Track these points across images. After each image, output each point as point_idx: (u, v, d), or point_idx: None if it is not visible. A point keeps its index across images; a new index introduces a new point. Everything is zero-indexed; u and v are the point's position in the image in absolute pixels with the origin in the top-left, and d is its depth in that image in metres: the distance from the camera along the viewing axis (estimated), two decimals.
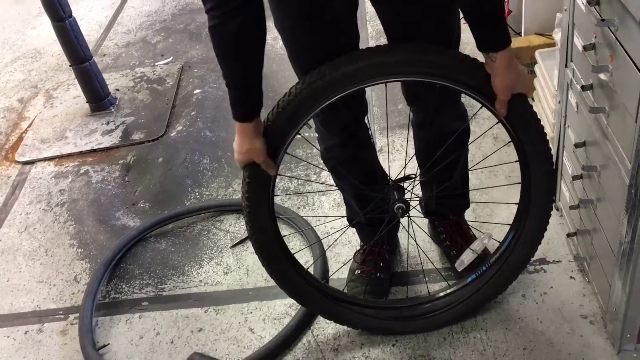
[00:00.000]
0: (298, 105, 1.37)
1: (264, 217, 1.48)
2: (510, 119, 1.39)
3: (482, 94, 1.37)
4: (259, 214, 1.47)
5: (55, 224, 2.35)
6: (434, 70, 1.35)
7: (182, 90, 3.05)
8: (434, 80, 1.37)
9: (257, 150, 1.39)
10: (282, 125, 1.39)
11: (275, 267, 1.56)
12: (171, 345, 1.80)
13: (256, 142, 1.38)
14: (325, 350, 1.69)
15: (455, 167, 1.70)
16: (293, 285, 1.60)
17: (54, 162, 2.70)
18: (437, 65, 1.35)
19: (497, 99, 1.35)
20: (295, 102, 1.36)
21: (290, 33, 1.40)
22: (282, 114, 1.38)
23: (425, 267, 1.83)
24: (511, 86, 1.33)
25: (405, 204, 1.53)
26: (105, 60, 3.45)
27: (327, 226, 2.04)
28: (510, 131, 1.42)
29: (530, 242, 1.58)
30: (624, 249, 1.35)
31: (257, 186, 1.45)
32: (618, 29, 1.22)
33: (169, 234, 2.20)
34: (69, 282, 2.09)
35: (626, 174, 1.28)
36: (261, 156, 1.40)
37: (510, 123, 1.40)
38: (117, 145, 2.73)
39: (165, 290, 1.98)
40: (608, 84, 1.32)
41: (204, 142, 2.60)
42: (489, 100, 1.37)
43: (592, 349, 1.56)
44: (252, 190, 1.45)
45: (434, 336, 1.67)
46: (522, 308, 1.69)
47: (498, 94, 1.34)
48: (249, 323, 1.82)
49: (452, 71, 1.35)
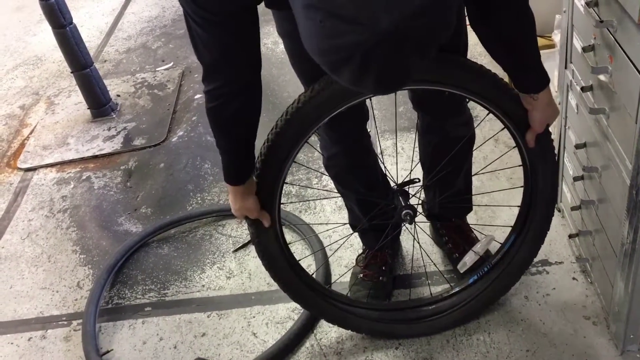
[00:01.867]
0: (304, 115, 1.34)
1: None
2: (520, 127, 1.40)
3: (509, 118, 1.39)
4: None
5: (57, 231, 2.35)
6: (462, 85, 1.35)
7: (183, 96, 3.06)
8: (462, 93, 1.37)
9: (250, 209, 1.42)
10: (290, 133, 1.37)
11: (278, 270, 1.56)
12: (174, 351, 1.80)
13: (248, 201, 1.41)
14: (329, 354, 1.69)
15: (459, 172, 1.70)
16: (296, 289, 1.60)
17: (55, 169, 2.70)
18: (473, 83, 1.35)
19: (530, 129, 1.38)
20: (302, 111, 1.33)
21: (291, 38, 1.41)
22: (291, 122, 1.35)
23: (427, 269, 1.83)
24: (548, 119, 1.38)
25: (412, 210, 1.53)
26: (106, 66, 3.46)
27: (330, 230, 2.05)
28: (516, 136, 1.42)
29: (532, 243, 1.58)
30: (625, 249, 1.35)
31: (262, 192, 1.45)
32: (617, 31, 1.23)
33: (171, 239, 2.21)
34: (72, 288, 2.09)
35: (627, 175, 1.28)
36: (254, 213, 1.43)
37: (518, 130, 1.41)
38: (119, 151, 2.74)
39: (168, 296, 1.99)
40: (608, 85, 1.32)
41: (205, 147, 2.60)
42: (517, 129, 1.39)
43: (595, 350, 1.56)
44: None
45: (437, 339, 1.67)
46: (524, 310, 1.69)
47: (534, 126, 1.38)
48: (252, 327, 1.82)
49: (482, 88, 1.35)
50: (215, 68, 1.22)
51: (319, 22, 0.75)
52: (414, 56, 0.78)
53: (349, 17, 0.73)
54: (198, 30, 1.17)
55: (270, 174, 1.40)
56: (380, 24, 0.72)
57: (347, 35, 0.74)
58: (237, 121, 1.30)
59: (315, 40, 0.79)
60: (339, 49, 0.76)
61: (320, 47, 0.78)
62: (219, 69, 1.22)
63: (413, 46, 0.77)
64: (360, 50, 0.74)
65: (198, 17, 1.14)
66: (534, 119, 1.36)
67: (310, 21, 0.77)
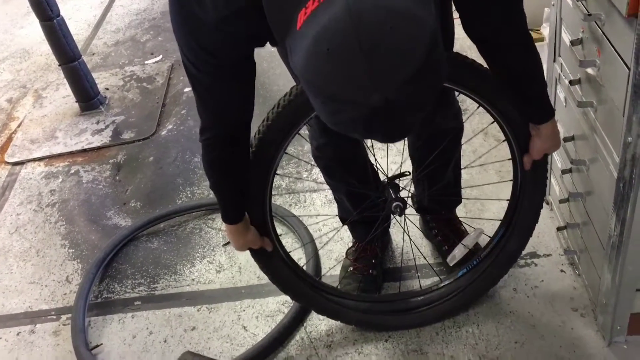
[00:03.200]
0: (296, 107, 1.34)
1: (258, 214, 1.48)
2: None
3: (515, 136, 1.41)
4: (253, 212, 1.47)
5: (46, 225, 2.34)
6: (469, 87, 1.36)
7: (172, 89, 3.04)
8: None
9: (252, 241, 1.47)
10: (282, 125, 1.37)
11: (268, 263, 1.56)
12: (164, 345, 1.80)
13: (248, 235, 1.46)
14: (319, 347, 1.69)
15: (448, 164, 1.71)
16: (286, 281, 1.60)
17: (44, 163, 2.68)
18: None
19: (529, 154, 1.41)
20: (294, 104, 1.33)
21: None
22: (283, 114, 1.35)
23: (417, 262, 1.84)
24: (547, 150, 1.41)
25: (402, 203, 1.53)
26: (94, 59, 3.43)
27: (320, 223, 2.05)
28: (506, 130, 1.43)
29: (521, 236, 1.59)
30: (613, 242, 1.36)
31: (253, 184, 1.45)
32: (605, 24, 1.23)
33: (161, 233, 2.20)
34: (60, 282, 2.08)
35: (614, 168, 1.29)
36: (257, 243, 1.48)
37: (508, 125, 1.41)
38: (108, 145, 2.72)
39: (157, 290, 1.98)
40: (595, 78, 1.33)
41: (194, 141, 2.59)
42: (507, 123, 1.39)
43: (583, 342, 1.57)
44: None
45: (427, 331, 1.68)
46: (513, 302, 1.71)
47: (531, 152, 1.40)
48: (242, 321, 1.82)
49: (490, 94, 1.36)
50: (215, 116, 1.25)
51: (320, 102, 0.84)
52: (411, 116, 0.85)
53: (344, 99, 0.80)
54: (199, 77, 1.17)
55: (261, 165, 1.40)
56: (371, 101, 0.79)
57: (344, 113, 0.82)
58: (231, 166, 1.35)
59: (322, 114, 0.87)
60: (343, 123, 0.85)
61: (327, 119, 0.87)
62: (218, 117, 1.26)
63: (407, 109, 0.83)
64: (359, 123, 0.83)
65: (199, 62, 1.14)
66: (533, 146, 1.39)
67: (313, 100, 0.85)
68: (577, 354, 1.55)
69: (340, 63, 0.78)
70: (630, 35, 1.10)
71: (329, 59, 0.78)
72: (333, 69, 0.79)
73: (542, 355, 1.56)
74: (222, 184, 1.38)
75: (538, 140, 1.38)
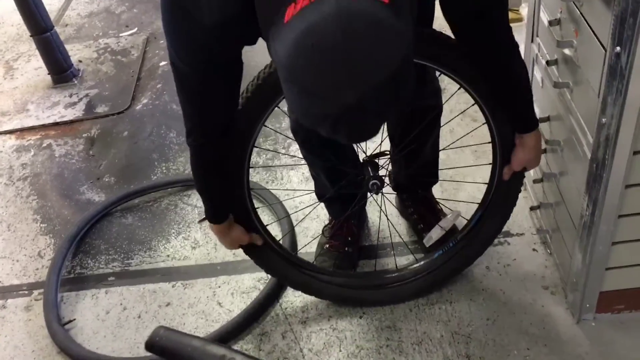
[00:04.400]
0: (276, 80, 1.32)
1: (235, 189, 1.47)
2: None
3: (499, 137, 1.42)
4: (232, 182, 1.46)
5: (17, 199, 2.30)
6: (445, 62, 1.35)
7: (148, 62, 2.99)
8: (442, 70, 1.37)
9: (240, 238, 1.51)
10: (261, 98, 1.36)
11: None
12: (138, 320, 1.79)
13: (235, 232, 1.50)
14: (294, 322, 1.70)
15: (426, 143, 1.71)
16: (261, 254, 1.60)
17: (15, 136, 2.63)
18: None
19: (509, 165, 1.44)
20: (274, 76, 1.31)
21: None
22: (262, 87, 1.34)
23: (393, 240, 1.85)
24: (528, 162, 1.43)
25: (380, 181, 1.54)
26: (67, 30, 3.35)
27: (296, 200, 2.04)
28: (485, 112, 1.42)
29: (498, 219, 1.60)
30: (584, 222, 1.38)
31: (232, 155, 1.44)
32: (583, 5, 1.24)
33: (135, 209, 2.18)
34: (32, 257, 2.05)
35: (588, 148, 1.31)
36: (245, 239, 1.52)
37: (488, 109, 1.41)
38: (81, 119, 2.67)
39: (132, 266, 1.97)
40: (572, 59, 1.34)
41: (170, 116, 2.56)
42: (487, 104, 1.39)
43: (552, 319, 1.61)
44: None
45: (401, 308, 1.69)
46: (485, 280, 1.73)
47: (512, 163, 1.43)
48: (217, 297, 1.82)
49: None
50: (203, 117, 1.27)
51: (296, 93, 0.87)
52: (375, 120, 0.91)
53: (317, 92, 0.84)
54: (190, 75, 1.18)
55: (240, 137, 1.39)
56: (344, 98, 0.83)
57: (317, 106, 0.86)
58: (217, 165, 1.38)
59: (294, 104, 0.90)
60: (313, 116, 0.89)
61: (298, 111, 0.90)
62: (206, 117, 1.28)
63: (374, 113, 0.88)
64: (328, 119, 0.87)
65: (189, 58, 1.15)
66: (515, 157, 1.42)
67: (289, 90, 0.88)
68: (546, 331, 1.58)
69: (322, 57, 0.82)
70: (607, 16, 1.11)
71: (313, 53, 0.82)
72: (314, 62, 0.83)
73: (512, 332, 1.59)
74: (211, 184, 1.41)
75: (521, 151, 1.40)
